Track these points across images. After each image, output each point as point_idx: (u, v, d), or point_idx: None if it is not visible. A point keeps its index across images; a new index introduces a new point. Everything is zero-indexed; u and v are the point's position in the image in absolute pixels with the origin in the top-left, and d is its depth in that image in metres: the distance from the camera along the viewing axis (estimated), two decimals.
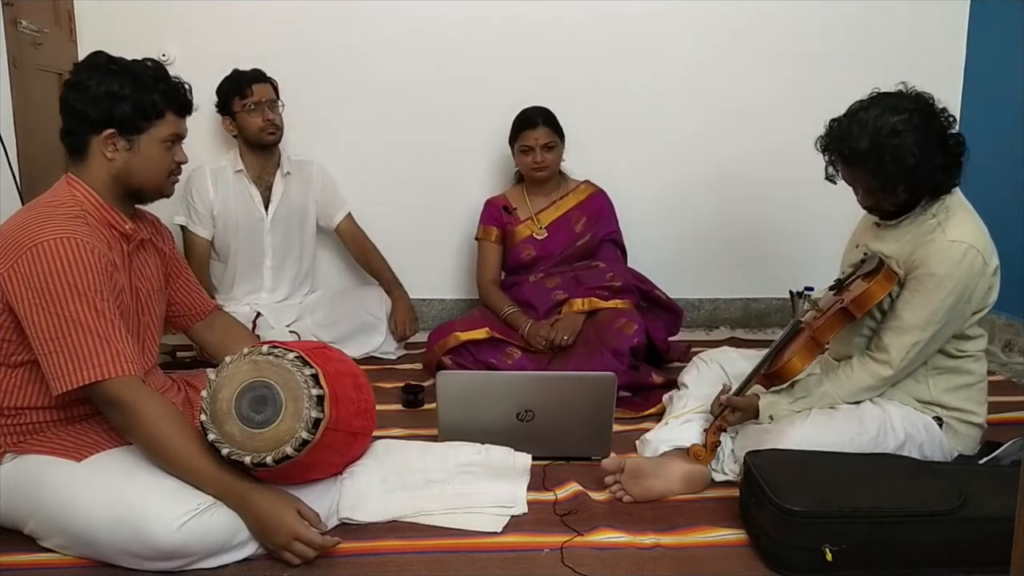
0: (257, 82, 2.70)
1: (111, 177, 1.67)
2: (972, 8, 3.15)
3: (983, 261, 1.74)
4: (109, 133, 1.64)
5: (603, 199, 2.86)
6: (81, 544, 1.54)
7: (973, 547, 1.53)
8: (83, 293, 1.51)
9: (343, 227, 2.96)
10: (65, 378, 1.50)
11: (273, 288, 2.89)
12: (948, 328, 1.78)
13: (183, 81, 1.74)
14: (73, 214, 1.61)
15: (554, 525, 1.71)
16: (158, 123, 1.67)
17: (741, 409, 1.88)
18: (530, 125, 2.72)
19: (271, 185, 2.81)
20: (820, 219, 2.20)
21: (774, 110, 3.11)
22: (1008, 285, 1.84)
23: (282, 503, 1.54)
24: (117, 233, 1.70)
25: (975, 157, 1.79)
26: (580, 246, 2.81)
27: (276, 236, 2.83)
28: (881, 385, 1.83)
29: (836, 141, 1.78)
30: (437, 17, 2.98)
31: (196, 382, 1.93)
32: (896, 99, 1.75)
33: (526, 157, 2.75)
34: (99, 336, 1.51)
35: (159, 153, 1.69)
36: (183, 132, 1.75)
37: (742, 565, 1.60)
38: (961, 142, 1.76)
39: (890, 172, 1.72)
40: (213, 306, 2.03)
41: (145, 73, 1.66)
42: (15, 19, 2.39)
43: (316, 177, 2.90)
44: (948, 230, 1.75)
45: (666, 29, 3.08)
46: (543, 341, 2.56)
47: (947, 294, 1.73)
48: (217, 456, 1.52)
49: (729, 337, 3.17)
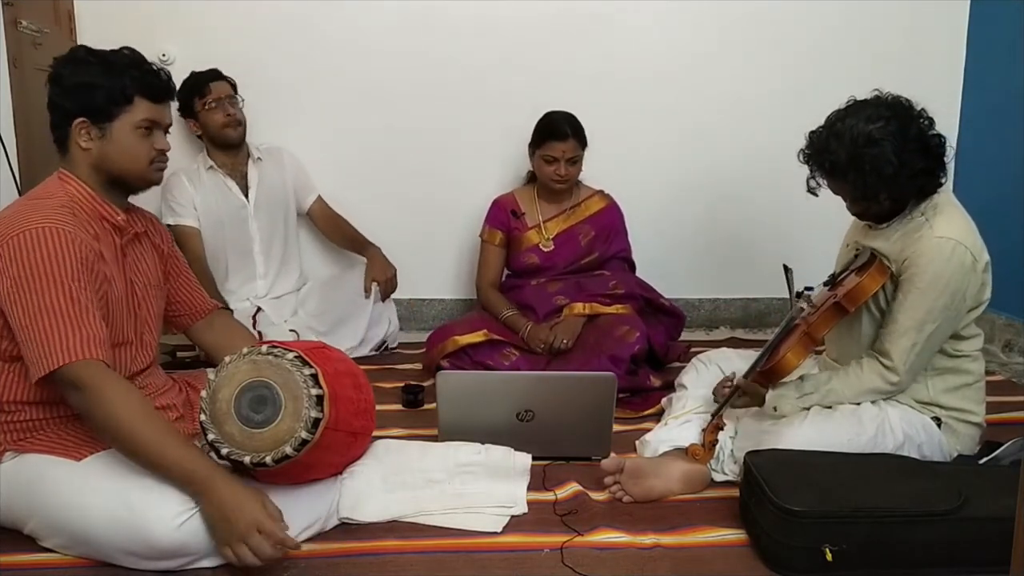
0: (214, 80, 2.73)
1: (91, 167, 1.67)
2: (972, 8, 3.15)
3: (972, 257, 1.74)
4: (80, 122, 1.63)
5: (614, 214, 2.81)
6: (81, 544, 1.54)
7: (973, 547, 1.53)
8: (60, 281, 1.51)
9: (315, 209, 2.99)
10: (38, 364, 1.49)
11: (265, 273, 2.90)
12: (945, 327, 1.78)
13: (161, 68, 1.71)
14: (59, 204, 1.60)
15: (554, 525, 1.71)
16: (128, 108, 1.65)
17: (748, 394, 1.87)
18: (558, 136, 2.63)
19: (245, 174, 2.84)
20: (820, 219, 2.20)
21: (774, 111, 3.11)
22: (1008, 285, 1.85)
23: (248, 491, 1.49)
24: (109, 225, 1.69)
25: (975, 157, 1.80)
26: (585, 263, 2.78)
27: (261, 221, 2.86)
28: (889, 389, 1.82)
29: (816, 154, 1.79)
30: (439, 18, 2.98)
31: (197, 383, 1.92)
32: (872, 107, 1.75)
33: (548, 167, 2.67)
34: (70, 322, 1.50)
35: (134, 140, 1.67)
36: (162, 119, 1.72)
37: (742, 565, 1.60)
38: (942, 143, 1.77)
39: (870, 181, 1.72)
40: (213, 305, 2.03)
41: (118, 60, 1.65)
42: (15, 19, 2.39)
43: (287, 162, 2.94)
44: (935, 227, 1.76)
45: (667, 29, 3.08)
46: (542, 344, 2.55)
47: (939, 293, 1.73)
48: (183, 442, 1.51)
49: (729, 337, 3.17)
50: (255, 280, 2.89)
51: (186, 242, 2.74)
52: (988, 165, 3.08)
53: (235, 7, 2.91)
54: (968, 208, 1.86)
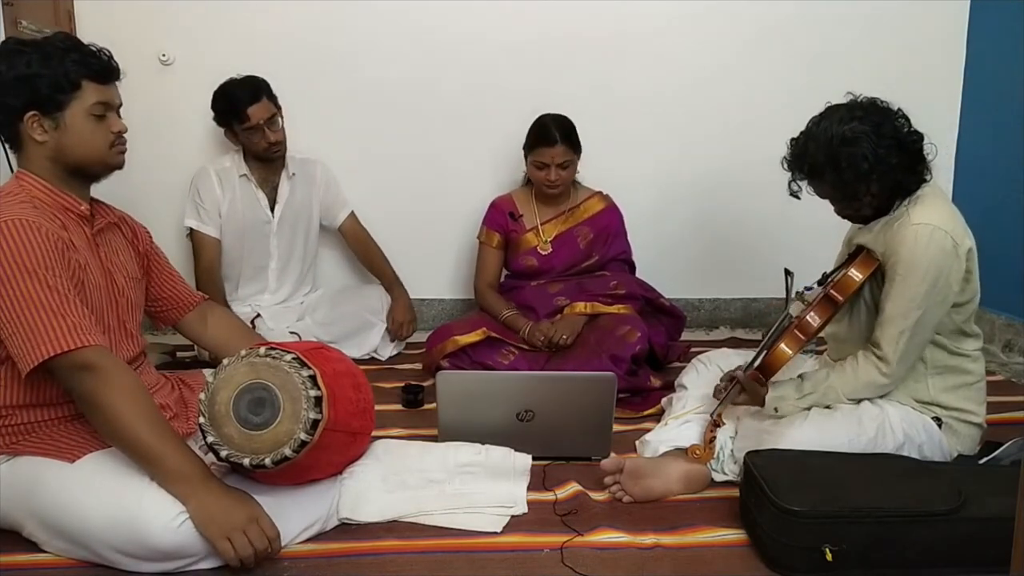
0: (253, 103, 2.60)
1: (50, 160, 1.63)
2: (972, 8, 3.14)
3: (952, 241, 1.75)
4: (31, 115, 1.59)
5: (614, 216, 2.80)
6: (80, 547, 1.53)
7: (973, 547, 1.52)
8: (32, 271, 1.49)
9: (346, 226, 2.96)
10: (26, 356, 1.48)
11: (276, 289, 2.89)
12: (932, 314, 1.78)
13: (101, 48, 1.66)
14: (19, 201, 1.58)
15: (554, 525, 1.71)
16: (77, 94, 1.61)
17: (748, 391, 1.87)
18: (547, 142, 2.59)
19: (276, 186, 2.81)
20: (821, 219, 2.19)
21: (773, 112, 3.10)
22: (1008, 285, 1.85)
23: (241, 492, 1.53)
24: (75, 216, 1.67)
25: (975, 157, 1.80)
26: (585, 266, 2.77)
27: (282, 238, 2.83)
28: (884, 382, 1.82)
29: (796, 159, 1.84)
30: (442, 18, 2.98)
31: (190, 380, 1.92)
32: (845, 109, 1.80)
33: (539, 172, 2.64)
34: (52, 311, 1.49)
35: (89, 125, 1.63)
36: (113, 100, 1.67)
37: (742, 565, 1.60)
38: (918, 139, 1.80)
39: (848, 180, 1.76)
40: (199, 298, 2.01)
41: (54, 47, 1.60)
42: (15, 19, 2.39)
43: (320, 177, 2.90)
44: (913, 215, 1.78)
45: (669, 29, 3.08)
46: (542, 337, 2.55)
47: (920, 278, 1.75)
48: (181, 441, 1.53)
49: (729, 337, 3.17)
50: (264, 293, 2.88)
51: (203, 251, 2.73)
52: (988, 165, 3.08)
53: (235, 7, 2.91)
54: (968, 208, 1.86)
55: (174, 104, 2.93)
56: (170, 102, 2.92)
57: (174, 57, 2.89)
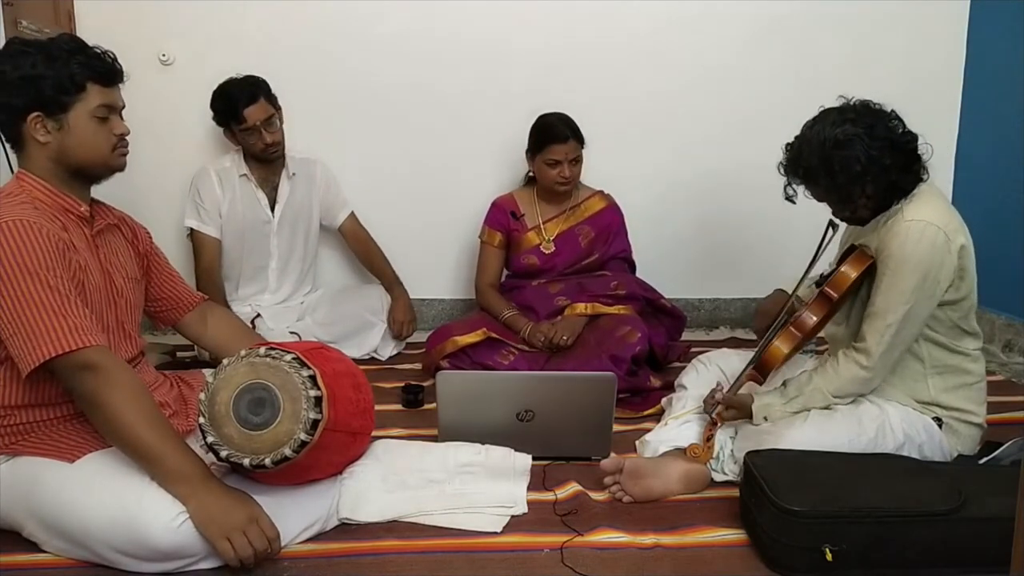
0: (250, 104, 2.60)
1: (52, 161, 1.63)
2: (972, 8, 3.14)
3: (945, 237, 1.76)
4: (34, 116, 1.59)
5: (615, 214, 2.81)
6: (80, 547, 1.53)
7: (973, 547, 1.52)
8: (33, 272, 1.49)
9: (347, 226, 2.96)
10: (27, 357, 1.48)
11: (276, 289, 2.90)
12: (919, 309, 1.78)
13: (105, 50, 1.66)
14: (19, 201, 1.59)
15: (554, 525, 1.71)
16: (82, 96, 1.61)
17: (735, 407, 1.88)
18: (559, 139, 2.61)
19: (276, 186, 2.81)
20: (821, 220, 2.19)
21: (774, 113, 3.09)
22: (1008, 285, 1.85)
23: (241, 492, 1.53)
24: (75, 217, 1.68)
25: (975, 158, 1.80)
26: (586, 264, 2.78)
27: (282, 238, 2.84)
28: (865, 376, 1.82)
29: (790, 164, 1.86)
30: (442, 19, 2.98)
31: (189, 379, 1.92)
32: (837, 112, 1.81)
33: (552, 171, 2.65)
34: (53, 311, 1.49)
35: (92, 127, 1.63)
36: (116, 102, 1.68)
37: (742, 565, 1.60)
38: (912, 139, 1.81)
39: (841, 182, 1.77)
40: (199, 298, 2.01)
41: (59, 48, 1.60)
42: (15, 19, 2.39)
43: (320, 177, 2.90)
44: (907, 212, 1.79)
45: (670, 30, 3.08)
46: (543, 337, 2.56)
47: (910, 273, 1.75)
48: (182, 440, 1.53)
49: (729, 337, 3.17)
50: (264, 293, 2.88)
51: (203, 251, 2.74)
52: (988, 165, 3.08)
53: (236, 7, 2.91)
54: (968, 208, 1.86)
55: (174, 104, 2.93)
56: (170, 102, 2.92)
57: (174, 57, 2.89)
